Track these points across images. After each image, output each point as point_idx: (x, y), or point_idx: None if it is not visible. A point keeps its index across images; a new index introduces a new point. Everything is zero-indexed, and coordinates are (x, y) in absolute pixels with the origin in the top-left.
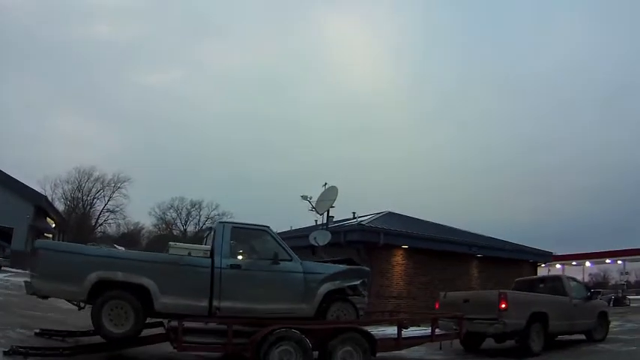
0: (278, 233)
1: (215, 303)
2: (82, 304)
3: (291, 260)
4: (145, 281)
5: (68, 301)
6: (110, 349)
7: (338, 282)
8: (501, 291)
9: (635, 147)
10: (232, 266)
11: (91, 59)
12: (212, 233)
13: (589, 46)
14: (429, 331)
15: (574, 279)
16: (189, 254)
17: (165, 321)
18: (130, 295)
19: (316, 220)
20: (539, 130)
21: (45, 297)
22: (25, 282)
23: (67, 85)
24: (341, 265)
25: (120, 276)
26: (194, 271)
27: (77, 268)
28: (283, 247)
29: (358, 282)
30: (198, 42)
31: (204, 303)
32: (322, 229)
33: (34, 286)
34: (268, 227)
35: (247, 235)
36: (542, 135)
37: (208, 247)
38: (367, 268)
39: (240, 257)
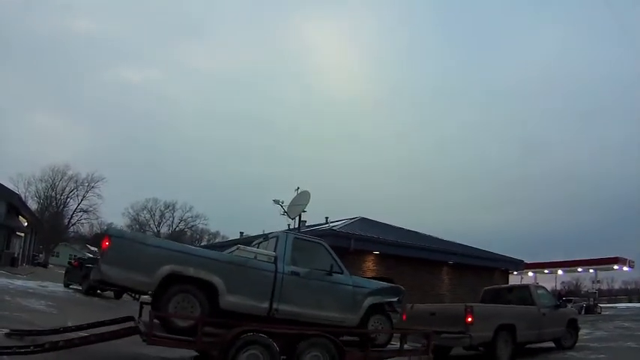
0: (250, 236)
1: (275, 305)
2: (136, 295)
3: (342, 273)
4: (215, 279)
5: (128, 291)
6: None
7: (379, 297)
8: (467, 305)
9: (607, 160)
10: (292, 273)
11: (67, 56)
12: (275, 241)
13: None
14: (398, 345)
15: (542, 288)
16: (256, 258)
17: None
18: (198, 291)
19: (289, 225)
20: (514, 144)
21: (104, 285)
22: (93, 267)
23: (42, 81)
24: (383, 282)
25: (192, 271)
26: (259, 274)
27: (150, 259)
28: (336, 261)
29: (395, 299)
30: (177, 41)
31: (265, 304)
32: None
33: (103, 272)
34: (324, 242)
35: (305, 246)
36: (521, 146)
37: (273, 253)
38: (403, 288)
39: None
